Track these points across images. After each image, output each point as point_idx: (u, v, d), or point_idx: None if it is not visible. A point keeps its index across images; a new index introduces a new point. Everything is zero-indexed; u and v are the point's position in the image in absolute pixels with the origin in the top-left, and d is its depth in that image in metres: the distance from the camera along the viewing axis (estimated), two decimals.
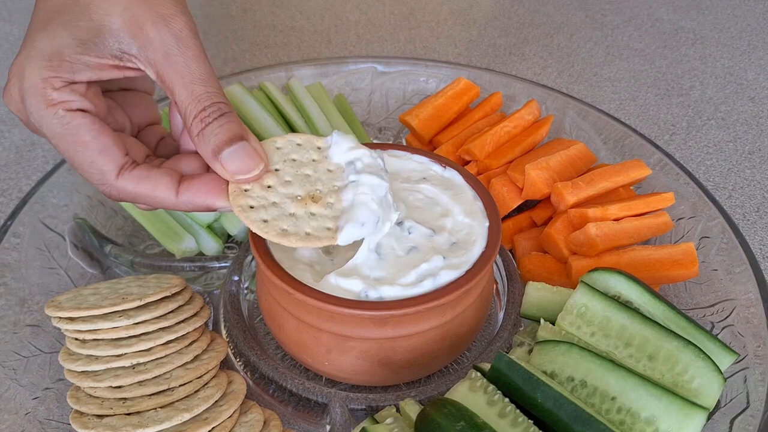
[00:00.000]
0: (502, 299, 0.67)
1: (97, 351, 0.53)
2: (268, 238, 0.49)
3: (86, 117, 0.48)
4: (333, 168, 0.55)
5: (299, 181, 0.53)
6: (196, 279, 0.70)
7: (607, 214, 0.69)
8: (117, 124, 0.54)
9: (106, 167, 0.49)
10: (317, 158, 0.55)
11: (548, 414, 0.48)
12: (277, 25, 1.21)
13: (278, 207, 0.51)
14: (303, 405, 0.59)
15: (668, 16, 1.28)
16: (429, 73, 0.95)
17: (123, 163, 0.49)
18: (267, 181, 0.52)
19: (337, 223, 0.51)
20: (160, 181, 0.50)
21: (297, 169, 0.53)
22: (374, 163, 0.54)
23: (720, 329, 0.64)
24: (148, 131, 0.58)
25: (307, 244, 0.50)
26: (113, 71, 0.49)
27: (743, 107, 1.03)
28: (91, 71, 0.48)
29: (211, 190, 0.50)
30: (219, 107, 0.49)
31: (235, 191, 0.51)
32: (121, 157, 0.49)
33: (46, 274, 0.68)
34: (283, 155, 0.54)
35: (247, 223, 0.50)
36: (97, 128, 0.48)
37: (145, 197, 0.50)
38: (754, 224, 0.83)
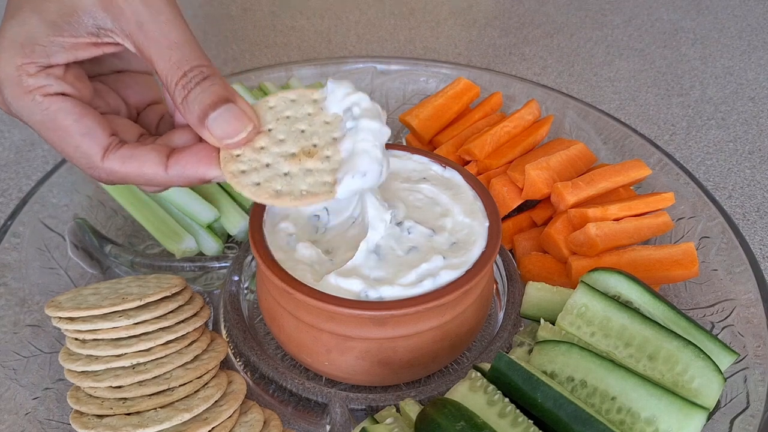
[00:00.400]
0: (502, 299, 0.67)
1: (97, 351, 0.53)
2: (261, 201, 0.47)
3: (66, 101, 0.47)
4: (330, 119, 0.51)
5: (293, 137, 0.50)
6: (196, 279, 0.70)
7: (607, 214, 0.68)
8: (108, 107, 0.53)
9: (90, 150, 0.48)
10: (313, 111, 0.52)
11: (548, 414, 0.48)
12: (277, 25, 1.21)
13: (271, 168, 0.48)
14: (303, 405, 0.59)
15: (668, 16, 1.28)
16: (429, 73, 0.95)
17: (108, 144, 0.48)
18: (259, 143, 0.49)
19: (335, 176, 0.49)
20: (146, 157, 0.48)
21: (291, 125, 0.50)
22: (373, 107, 0.51)
23: (720, 329, 0.64)
24: (149, 111, 0.56)
25: (303, 202, 0.47)
26: (91, 49, 0.48)
27: (743, 107, 1.03)
28: (67, 52, 0.47)
29: (201, 159, 0.48)
30: (200, 71, 0.47)
31: (225, 157, 0.48)
32: (106, 138, 0.48)
33: (46, 274, 0.68)
34: (276, 114, 0.51)
35: (239, 189, 0.47)
36: (78, 111, 0.47)
37: (134, 176, 0.49)
38: (754, 224, 0.83)
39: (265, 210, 0.59)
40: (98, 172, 0.49)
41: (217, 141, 0.48)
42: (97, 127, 0.48)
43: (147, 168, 0.48)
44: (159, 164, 0.48)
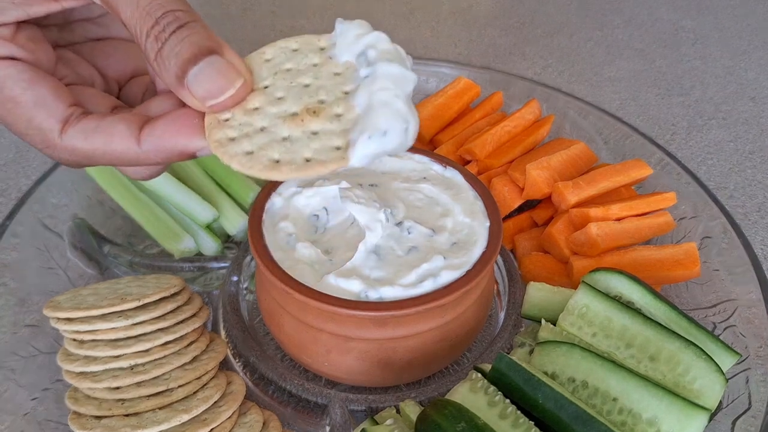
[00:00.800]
0: (502, 300, 0.67)
1: (96, 352, 0.53)
2: (254, 173, 0.38)
3: (13, 65, 0.39)
4: (341, 69, 0.42)
5: (294, 94, 0.40)
6: (195, 279, 0.70)
7: (609, 214, 0.68)
8: (78, 78, 0.45)
9: (45, 123, 0.39)
10: (319, 61, 0.42)
11: (549, 415, 0.47)
12: (276, 25, 1.21)
13: (267, 132, 0.39)
14: (302, 406, 0.59)
15: (668, 15, 1.28)
16: (429, 73, 0.95)
17: (66, 115, 0.40)
18: (252, 103, 0.40)
19: (347, 138, 0.39)
20: (114, 129, 0.39)
21: (292, 80, 0.41)
22: (393, 49, 0.42)
23: (722, 330, 0.64)
24: (132, 84, 0.48)
25: (308, 172, 0.38)
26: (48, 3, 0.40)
27: (744, 107, 1.03)
28: (18, 8, 0.39)
29: (180, 128, 0.40)
30: (176, 16, 0.38)
31: (211, 123, 0.39)
32: (64, 108, 0.40)
33: (44, 274, 0.68)
34: (273, 67, 0.42)
35: (226, 160, 0.39)
36: (28, 77, 0.39)
37: (101, 154, 0.40)
38: (755, 224, 0.82)
39: (264, 209, 0.58)
40: (57, 152, 0.41)
41: (199, 103, 0.39)
42: (53, 96, 0.40)
43: (116, 142, 0.39)
44: (130, 137, 0.39)
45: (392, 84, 0.39)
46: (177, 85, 0.38)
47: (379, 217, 0.54)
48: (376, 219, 0.54)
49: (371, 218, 0.54)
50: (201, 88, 0.38)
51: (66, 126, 0.40)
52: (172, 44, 0.38)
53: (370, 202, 0.55)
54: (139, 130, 0.40)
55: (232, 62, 0.39)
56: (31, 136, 0.41)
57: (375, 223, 0.54)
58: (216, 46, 0.39)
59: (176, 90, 0.39)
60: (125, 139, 0.40)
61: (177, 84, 0.38)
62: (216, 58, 0.38)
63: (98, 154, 0.40)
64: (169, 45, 0.38)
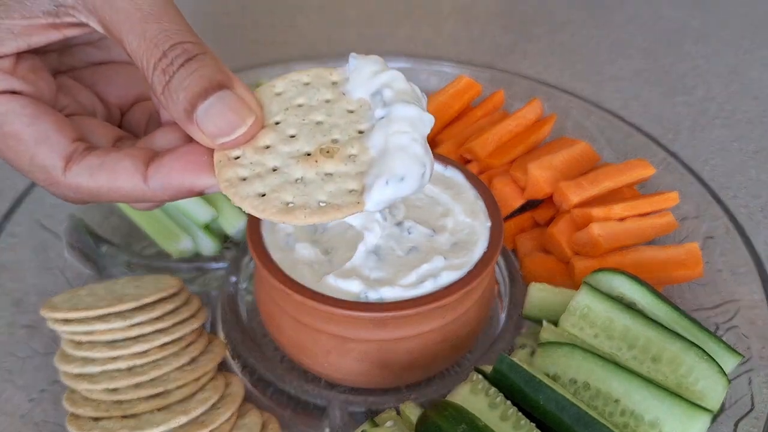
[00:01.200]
0: (503, 300, 0.67)
1: (93, 353, 0.52)
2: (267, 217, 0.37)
3: (14, 100, 0.38)
4: (354, 107, 0.41)
5: (307, 132, 0.39)
6: (193, 280, 0.70)
7: (611, 214, 0.68)
8: (78, 107, 0.44)
9: (48, 161, 0.38)
10: (332, 97, 0.41)
11: (551, 417, 0.47)
12: (275, 23, 1.21)
13: (280, 173, 0.38)
14: (302, 408, 0.59)
15: (672, 13, 1.27)
16: (430, 71, 0.95)
17: (70, 152, 0.39)
18: (263, 141, 0.39)
19: (363, 181, 0.38)
20: (119, 166, 0.38)
21: (304, 116, 0.40)
22: (410, 89, 0.41)
23: (724, 330, 0.64)
24: (135, 110, 0.47)
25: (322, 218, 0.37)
26: (49, 32, 0.39)
27: (748, 106, 1.03)
28: (18, 38, 0.38)
29: (187, 165, 0.38)
30: (184, 48, 0.37)
31: (221, 161, 0.38)
32: (67, 144, 0.39)
33: (42, 274, 0.68)
34: (284, 102, 0.41)
35: (237, 202, 0.37)
36: (31, 112, 0.38)
37: (107, 192, 0.39)
38: (759, 224, 0.82)
39: None
40: (61, 189, 0.40)
41: (209, 140, 0.38)
42: (56, 132, 0.39)
43: (121, 180, 0.38)
44: (136, 174, 0.38)
45: (409, 127, 0.39)
46: (186, 121, 0.37)
47: (375, 217, 0.54)
48: (373, 219, 0.53)
49: (367, 219, 0.53)
50: (211, 125, 0.37)
51: (70, 163, 0.39)
52: (180, 77, 0.36)
53: None
54: (146, 167, 0.39)
55: (243, 97, 0.38)
56: (34, 174, 0.40)
57: (372, 223, 0.53)
58: (227, 80, 0.37)
59: (184, 125, 0.38)
60: (131, 176, 0.38)
61: (186, 119, 0.37)
62: (227, 93, 0.37)
63: (103, 191, 0.39)
64: (177, 78, 0.36)
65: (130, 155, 0.39)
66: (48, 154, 0.38)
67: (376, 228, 0.54)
